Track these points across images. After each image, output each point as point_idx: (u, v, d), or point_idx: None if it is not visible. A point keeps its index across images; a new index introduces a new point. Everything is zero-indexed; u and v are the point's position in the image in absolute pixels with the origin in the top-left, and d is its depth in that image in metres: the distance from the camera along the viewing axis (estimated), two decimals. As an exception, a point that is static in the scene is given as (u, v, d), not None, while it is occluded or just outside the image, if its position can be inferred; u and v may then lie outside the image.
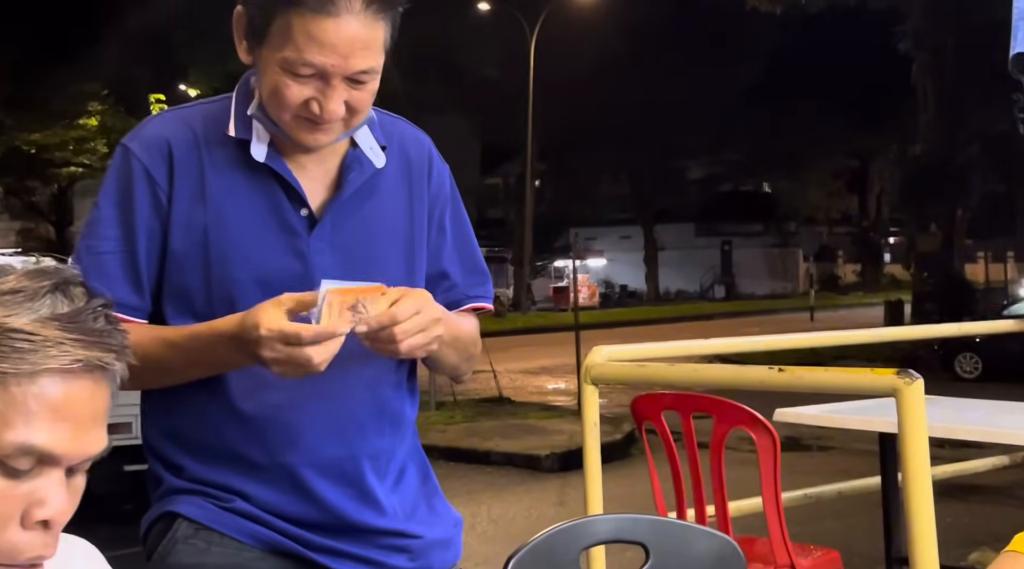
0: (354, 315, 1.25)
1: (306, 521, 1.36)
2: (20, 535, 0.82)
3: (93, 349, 0.83)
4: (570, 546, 1.49)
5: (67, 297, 0.84)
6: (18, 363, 0.80)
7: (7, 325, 0.81)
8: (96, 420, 0.85)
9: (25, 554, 0.83)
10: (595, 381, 2.85)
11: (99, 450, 0.85)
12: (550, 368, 15.10)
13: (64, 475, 0.84)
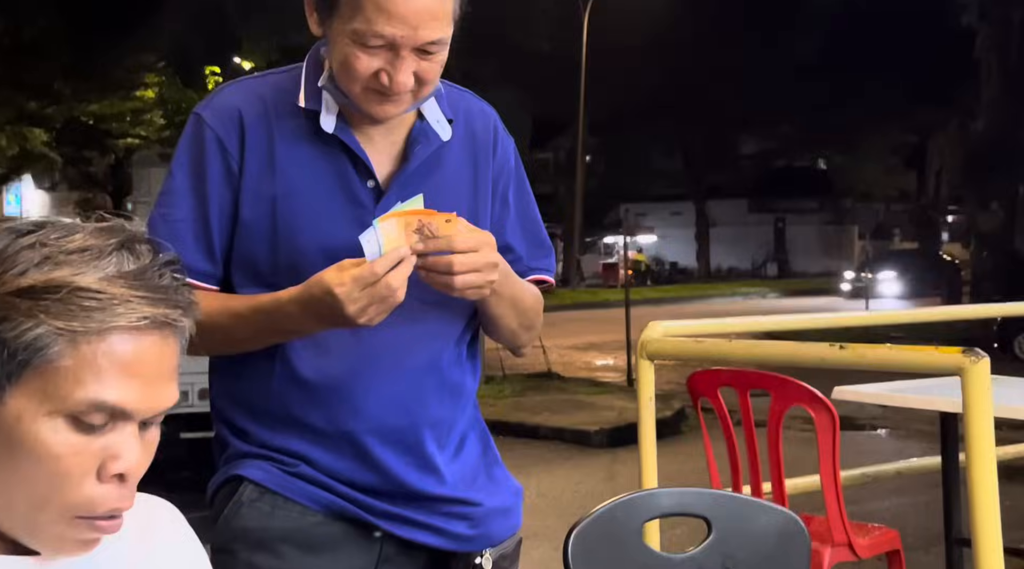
0: (418, 236, 1.26)
1: (368, 487, 1.38)
2: (97, 488, 0.84)
3: (160, 306, 0.85)
4: (632, 518, 1.49)
5: (133, 254, 0.85)
6: (87, 322, 0.82)
7: (75, 284, 0.82)
8: (166, 376, 0.86)
9: (103, 507, 0.85)
10: (651, 356, 2.84)
11: (170, 405, 0.87)
12: (599, 344, 15.07)
13: (137, 429, 0.86)
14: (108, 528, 0.86)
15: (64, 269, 0.83)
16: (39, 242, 0.84)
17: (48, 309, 0.82)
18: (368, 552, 1.39)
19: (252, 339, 1.36)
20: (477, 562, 1.43)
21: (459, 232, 1.27)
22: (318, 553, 1.35)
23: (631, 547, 1.48)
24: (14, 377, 0.82)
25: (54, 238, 0.84)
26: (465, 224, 1.29)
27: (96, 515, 0.85)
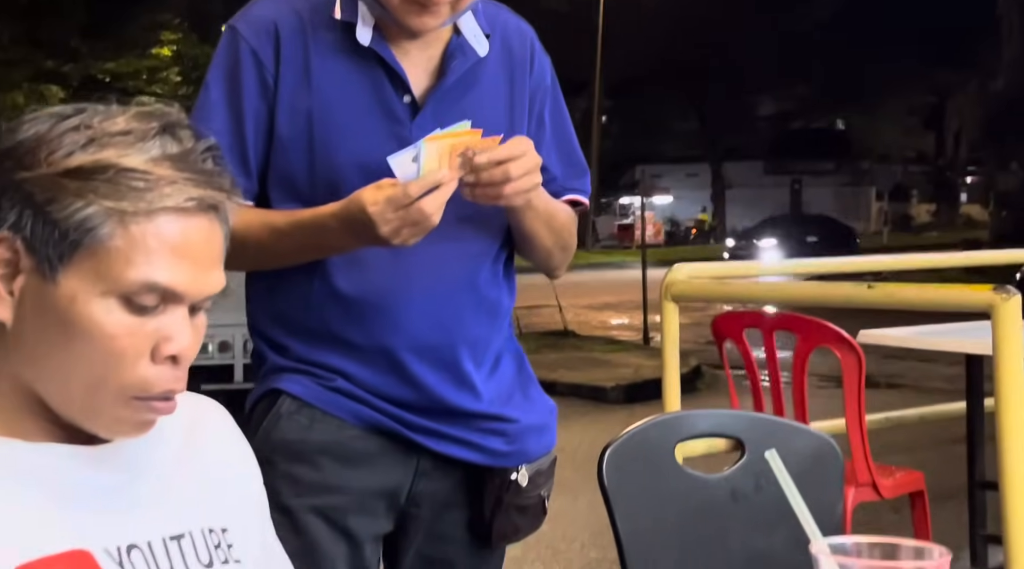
0: (462, 159, 1.25)
1: (405, 402, 1.38)
2: (151, 369, 0.85)
3: (205, 188, 0.85)
4: (667, 438, 1.49)
5: (175, 139, 0.86)
6: (136, 202, 0.82)
7: (122, 165, 0.83)
8: (213, 259, 0.87)
9: (158, 387, 0.86)
10: (676, 299, 2.83)
11: (218, 289, 0.88)
12: (614, 304, 15.08)
13: (187, 313, 0.87)
14: (163, 409, 0.87)
15: (109, 150, 0.83)
16: (83, 125, 0.84)
17: (97, 189, 0.82)
18: (405, 466, 1.40)
19: (291, 255, 1.36)
20: (513, 478, 1.44)
21: (508, 144, 1.27)
22: (356, 466, 1.36)
23: (664, 467, 1.48)
24: (65, 258, 0.83)
25: (97, 121, 0.85)
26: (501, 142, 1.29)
27: (151, 396, 0.86)
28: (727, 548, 1.47)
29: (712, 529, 1.47)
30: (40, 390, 0.86)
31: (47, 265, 0.83)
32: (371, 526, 1.38)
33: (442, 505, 1.44)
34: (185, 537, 0.91)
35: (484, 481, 1.44)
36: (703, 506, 1.48)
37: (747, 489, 1.51)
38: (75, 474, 0.87)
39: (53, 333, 0.84)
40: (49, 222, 0.82)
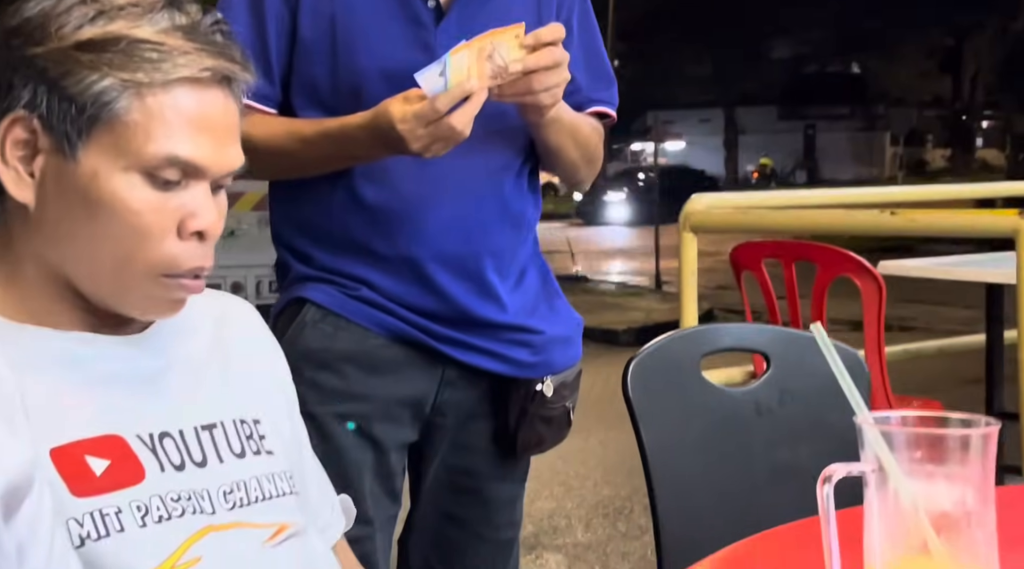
0: (491, 66, 1.23)
1: (430, 312, 1.38)
2: (178, 245, 0.85)
3: (218, 59, 0.84)
4: (691, 351, 1.49)
5: (182, 11, 0.85)
6: (151, 73, 0.82)
7: (133, 36, 0.82)
8: (231, 134, 0.87)
9: (186, 264, 0.86)
10: (694, 229, 2.82)
11: (238, 165, 0.87)
12: (627, 250, 15.07)
13: (210, 190, 0.86)
14: (193, 287, 0.87)
15: (119, 22, 0.82)
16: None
17: (111, 61, 0.81)
18: (430, 376, 1.40)
19: (316, 164, 1.35)
20: (538, 389, 1.44)
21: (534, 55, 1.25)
22: (381, 375, 1.36)
23: (689, 380, 1.47)
24: (84, 134, 0.82)
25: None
26: None
27: (180, 273, 0.86)
28: (751, 461, 1.47)
29: (736, 442, 1.47)
30: (68, 272, 0.85)
31: (66, 143, 0.82)
32: (396, 434, 1.39)
33: (467, 415, 1.44)
34: (217, 427, 0.91)
35: (509, 392, 1.44)
36: (727, 419, 1.48)
37: (771, 403, 1.50)
38: (107, 361, 0.87)
39: (77, 213, 0.83)
40: (65, 98, 0.81)
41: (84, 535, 0.78)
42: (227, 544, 0.86)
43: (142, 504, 0.82)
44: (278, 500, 0.92)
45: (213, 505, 0.87)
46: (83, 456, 0.81)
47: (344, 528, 1.09)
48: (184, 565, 0.82)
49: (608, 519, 3.67)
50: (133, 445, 0.85)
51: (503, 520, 1.48)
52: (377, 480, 1.37)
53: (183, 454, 0.87)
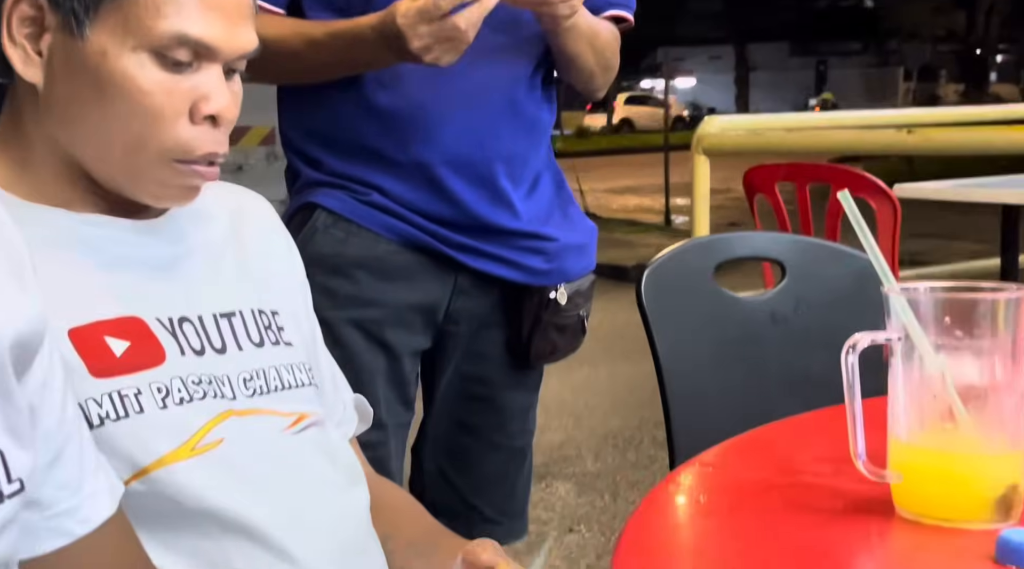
0: None
1: (442, 218, 1.36)
2: (191, 129, 0.83)
3: None
4: (705, 260, 1.47)
5: None
6: None
7: None
8: (243, 14, 0.84)
9: (199, 149, 0.84)
10: (707, 152, 2.79)
11: (251, 48, 0.85)
12: (635, 188, 14.96)
13: (222, 74, 0.84)
14: (207, 174, 0.85)
15: None
16: None
17: None
18: (443, 283, 1.39)
19: (325, 68, 1.32)
20: (551, 296, 1.42)
21: None
22: (393, 280, 1.35)
23: (703, 289, 1.46)
24: (91, 11, 0.80)
25: None
26: None
27: (193, 159, 0.84)
28: (765, 369, 1.46)
29: (750, 351, 1.46)
30: (79, 155, 0.83)
31: (73, 20, 0.80)
32: (408, 340, 1.38)
33: (480, 323, 1.43)
34: (235, 316, 0.90)
35: (522, 300, 1.42)
36: (741, 328, 1.46)
37: (787, 312, 1.49)
38: (123, 245, 0.86)
39: (87, 93, 0.81)
40: None
41: (103, 415, 0.78)
42: (248, 428, 0.85)
43: (163, 386, 0.82)
44: (297, 390, 0.91)
45: (234, 391, 0.86)
46: (103, 337, 0.80)
47: (358, 429, 1.08)
48: (205, 447, 0.82)
49: (617, 449, 3.69)
50: (153, 327, 0.84)
51: (516, 428, 1.48)
52: (390, 386, 1.36)
53: (203, 339, 0.86)
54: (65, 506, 0.57)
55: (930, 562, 0.62)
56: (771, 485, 0.74)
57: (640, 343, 1.41)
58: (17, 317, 0.53)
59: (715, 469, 0.78)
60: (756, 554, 0.63)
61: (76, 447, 0.59)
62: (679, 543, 0.68)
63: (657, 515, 0.71)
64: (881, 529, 0.66)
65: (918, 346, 0.67)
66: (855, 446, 0.67)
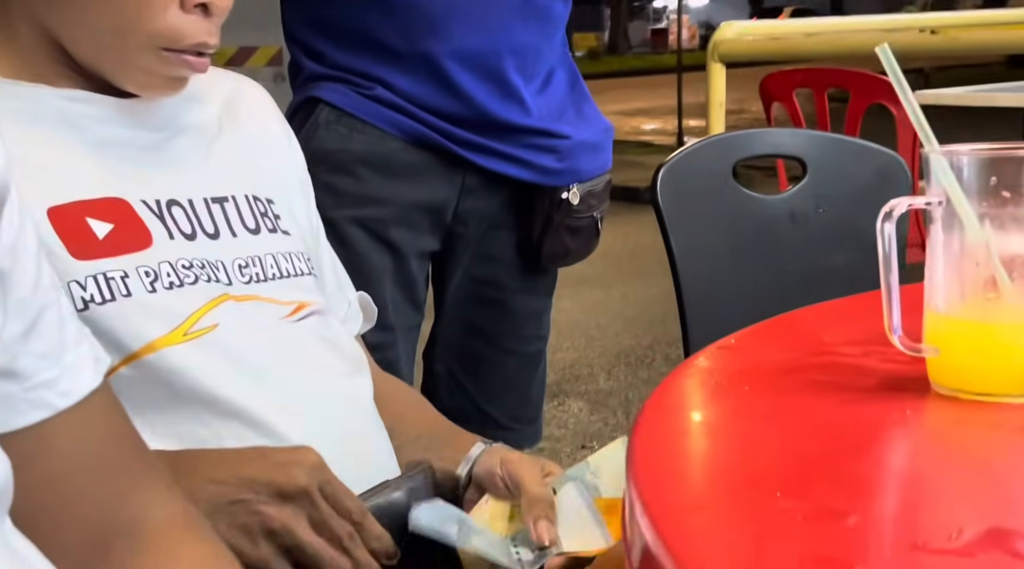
0: None
1: (450, 114, 1.30)
2: (181, 18, 0.79)
3: None
4: (723, 158, 1.41)
5: None
6: None
7: None
8: None
9: (189, 39, 0.79)
10: (723, 59, 2.70)
11: None
12: (647, 110, 14.77)
13: None
14: (196, 65, 0.81)
15: None
16: None
17: None
18: (450, 183, 1.34)
19: None
20: (563, 197, 1.37)
21: None
22: (398, 178, 1.30)
23: (721, 187, 1.41)
24: None
25: None
26: None
27: (182, 48, 0.79)
28: (783, 267, 1.42)
29: (768, 249, 1.41)
30: (63, 37, 0.79)
31: None
32: (415, 241, 1.33)
33: (489, 224, 1.38)
34: (228, 201, 0.85)
35: (533, 200, 1.38)
36: (760, 226, 1.42)
37: (807, 210, 1.44)
38: (108, 124, 0.81)
39: None
40: None
41: (87, 298, 0.74)
42: (245, 313, 0.81)
43: (150, 270, 0.78)
44: (296, 279, 0.87)
45: (229, 277, 0.82)
46: (84, 218, 0.76)
47: (363, 327, 1.05)
48: (199, 332, 0.78)
49: (630, 367, 3.68)
50: (139, 210, 0.80)
51: (529, 332, 1.44)
52: (397, 287, 1.32)
53: (194, 224, 0.82)
54: (45, 377, 0.54)
55: (968, 437, 0.59)
56: (797, 365, 0.70)
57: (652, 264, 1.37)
58: None
59: (736, 351, 0.74)
60: (782, 433, 0.59)
61: (55, 315, 0.55)
62: (698, 423, 0.64)
63: (675, 396, 0.67)
64: (916, 405, 0.62)
65: (960, 211, 0.62)
66: (890, 319, 0.63)
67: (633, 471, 0.50)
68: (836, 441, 0.57)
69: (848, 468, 0.52)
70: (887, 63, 0.65)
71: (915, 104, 0.65)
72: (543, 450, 3.00)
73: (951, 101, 2.84)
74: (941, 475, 0.53)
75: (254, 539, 0.71)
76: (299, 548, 0.72)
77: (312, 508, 0.73)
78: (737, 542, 0.45)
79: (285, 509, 0.72)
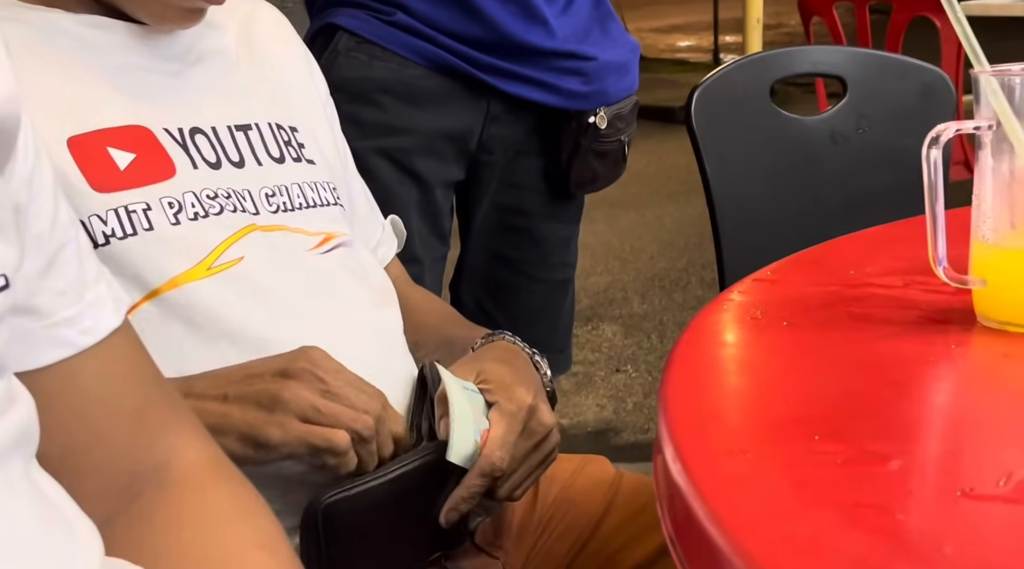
0: None
1: (472, 39, 1.26)
2: None
3: None
4: (760, 78, 1.36)
5: None
6: None
7: None
8: None
9: None
10: (759, -26, 2.61)
11: None
12: (682, 26, 14.45)
13: None
14: None
15: None
16: None
17: None
18: (475, 110, 1.30)
19: None
20: (591, 121, 1.33)
21: None
22: (421, 106, 1.27)
23: (758, 107, 1.36)
24: None
25: None
26: None
27: None
28: (822, 190, 1.38)
29: (807, 171, 1.37)
30: None
31: None
32: (440, 170, 1.31)
33: (516, 151, 1.35)
34: (252, 129, 0.83)
35: (560, 125, 1.34)
36: (798, 148, 1.37)
37: (847, 130, 1.39)
38: (126, 51, 0.78)
39: None
40: None
41: (108, 233, 0.72)
42: (272, 245, 0.79)
43: (174, 201, 0.76)
44: (323, 209, 0.85)
45: (256, 206, 0.80)
46: (105, 147, 0.74)
47: (396, 248, 1.03)
48: (223, 265, 0.76)
49: (664, 291, 3.65)
50: (161, 138, 0.77)
51: (557, 260, 1.42)
52: (423, 218, 1.30)
53: (218, 152, 0.80)
54: (65, 315, 0.53)
55: (1017, 370, 0.56)
56: (837, 298, 0.68)
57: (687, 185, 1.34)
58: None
59: (773, 284, 0.72)
60: (821, 371, 0.57)
61: (73, 252, 0.54)
62: (733, 361, 0.62)
63: (709, 330, 0.65)
64: (961, 339, 0.60)
65: (1010, 135, 0.58)
66: (935, 251, 0.60)
67: (665, 413, 0.49)
68: (878, 379, 0.55)
69: (890, 408, 0.50)
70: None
71: (964, 20, 0.61)
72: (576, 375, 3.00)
73: (999, 12, 2.73)
74: (988, 415, 0.51)
75: (270, 409, 0.70)
76: (315, 411, 0.70)
77: (320, 383, 0.71)
78: (773, 489, 0.44)
79: (291, 382, 0.70)
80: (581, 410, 2.69)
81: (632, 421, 2.59)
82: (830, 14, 2.64)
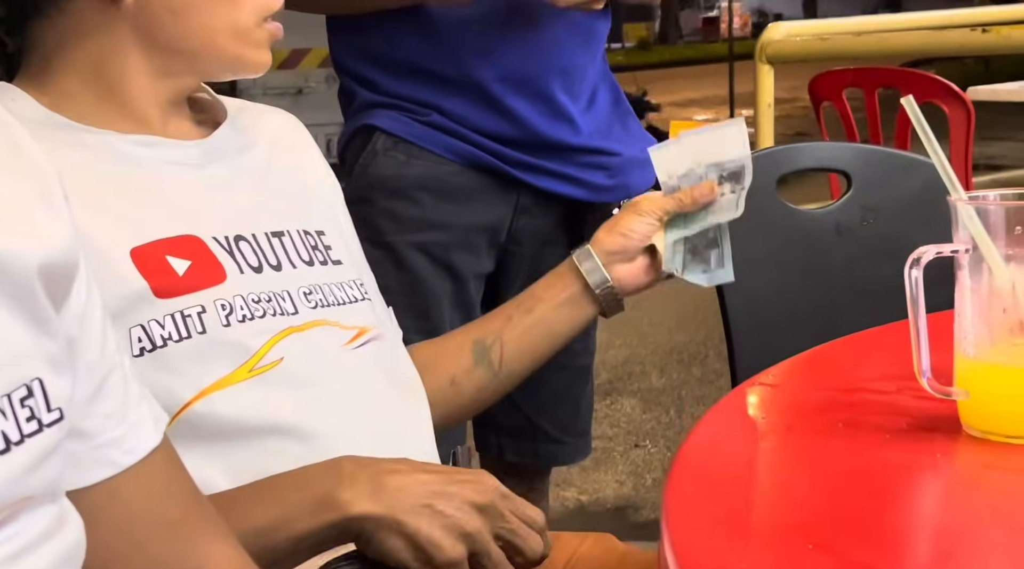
0: None
1: (502, 136, 1.34)
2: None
3: None
4: (768, 172, 1.42)
5: None
6: None
7: None
8: None
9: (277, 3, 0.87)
10: (771, 60, 2.70)
11: None
12: (699, 100, 14.65)
13: None
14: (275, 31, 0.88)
15: None
16: None
17: None
18: (505, 203, 1.37)
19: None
20: (614, 213, 1.40)
21: None
22: (456, 201, 1.34)
23: (766, 201, 1.42)
24: None
25: None
26: None
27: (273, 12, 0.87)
28: (829, 280, 1.42)
29: (814, 262, 1.42)
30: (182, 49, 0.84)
31: None
32: (473, 263, 1.37)
33: (543, 242, 1.41)
34: (285, 235, 0.89)
35: (585, 217, 1.40)
36: (805, 239, 1.43)
37: (852, 223, 1.44)
38: (175, 166, 0.86)
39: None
40: None
41: (166, 336, 0.78)
42: (308, 344, 0.85)
43: (227, 303, 0.81)
44: (353, 305, 0.91)
45: (295, 305, 0.86)
46: (164, 256, 0.80)
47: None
48: (265, 367, 0.82)
49: (683, 364, 3.67)
50: (211, 246, 0.84)
51: (579, 347, 1.47)
52: (456, 310, 1.36)
53: (260, 257, 0.86)
54: (111, 436, 0.57)
55: (998, 481, 0.60)
56: (833, 403, 0.72)
57: (703, 260, 1.38)
58: (46, 243, 0.52)
59: (776, 388, 0.77)
60: (816, 480, 0.61)
61: (119, 377, 0.58)
62: (736, 462, 0.67)
63: (715, 434, 0.70)
64: (947, 448, 0.64)
65: (987, 258, 0.64)
66: (919, 363, 0.65)
67: (668, 523, 0.53)
68: (868, 488, 0.59)
69: (880, 519, 0.54)
70: (912, 113, 0.67)
71: (940, 152, 0.66)
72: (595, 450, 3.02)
73: (1006, 98, 2.80)
74: (972, 526, 0.55)
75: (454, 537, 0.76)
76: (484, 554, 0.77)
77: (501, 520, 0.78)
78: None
79: (476, 517, 0.77)
80: (600, 486, 2.70)
81: (651, 498, 2.60)
82: (840, 100, 2.72)
